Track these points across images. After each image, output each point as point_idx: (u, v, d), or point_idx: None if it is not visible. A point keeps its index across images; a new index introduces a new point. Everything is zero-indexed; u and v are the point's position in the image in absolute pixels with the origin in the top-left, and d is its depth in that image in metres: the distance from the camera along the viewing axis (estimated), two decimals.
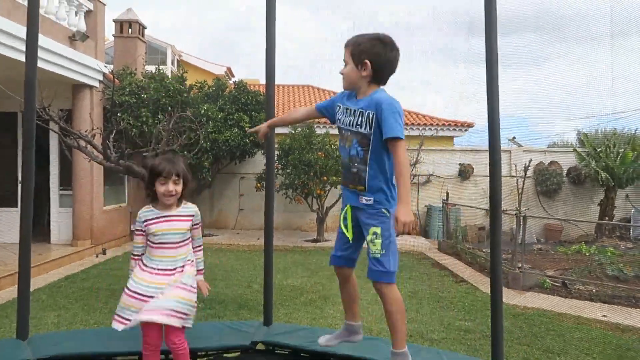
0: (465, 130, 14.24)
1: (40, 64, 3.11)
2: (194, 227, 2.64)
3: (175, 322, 2.42)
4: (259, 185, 10.57)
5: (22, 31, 3.08)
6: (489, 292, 2.65)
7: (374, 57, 2.21)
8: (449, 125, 14.04)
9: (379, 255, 2.25)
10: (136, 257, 2.58)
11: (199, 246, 2.71)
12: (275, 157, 9.49)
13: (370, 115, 2.19)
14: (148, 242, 2.55)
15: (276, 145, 9.64)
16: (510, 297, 6.07)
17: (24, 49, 2.98)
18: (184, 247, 2.57)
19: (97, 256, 8.31)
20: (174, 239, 2.53)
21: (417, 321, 5.05)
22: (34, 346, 2.89)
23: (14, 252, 6.97)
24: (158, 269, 2.50)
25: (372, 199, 2.25)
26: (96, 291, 6.00)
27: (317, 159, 9.81)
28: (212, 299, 5.58)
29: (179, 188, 2.52)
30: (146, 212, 2.59)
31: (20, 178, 5.06)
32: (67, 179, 8.72)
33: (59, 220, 8.75)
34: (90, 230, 8.57)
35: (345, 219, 2.39)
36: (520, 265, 6.97)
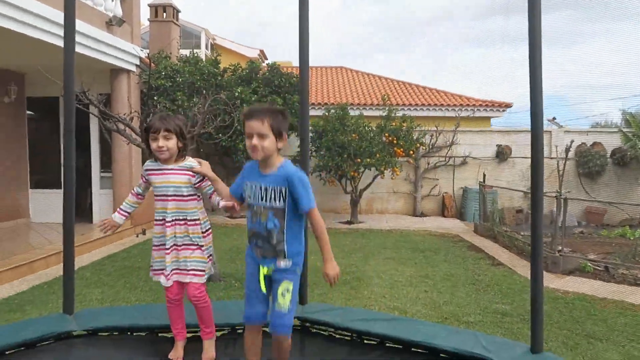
0: (503, 111, 13.85)
1: (78, 49, 3.17)
2: (199, 182, 2.68)
3: (193, 279, 2.62)
4: None
5: (60, 17, 3.14)
6: (527, 276, 2.58)
7: (286, 129, 2.36)
8: (486, 105, 13.68)
9: (285, 310, 2.33)
10: (135, 192, 2.82)
11: (214, 191, 2.73)
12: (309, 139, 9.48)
13: (283, 190, 2.29)
14: (154, 195, 2.71)
15: (309, 127, 9.64)
16: (549, 280, 5.92)
17: (62, 35, 3.04)
18: (179, 202, 2.64)
19: (137, 236, 8.57)
20: (167, 192, 2.63)
21: (452, 303, 4.99)
22: (80, 320, 3.01)
23: (58, 232, 7.27)
24: (157, 220, 2.68)
25: (290, 261, 2.37)
26: (137, 270, 6.19)
27: (351, 140, 9.75)
28: None
29: (171, 144, 2.58)
30: (150, 162, 2.74)
31: (62, 161, 5.24)
32: (107, 162, 8.98)
33: (100, 201, 9.05)
34: None
35: (257, 280, 2.44)
36: (560, 248, 6.78)
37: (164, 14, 11.47)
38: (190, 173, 2.65)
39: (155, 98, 9.18)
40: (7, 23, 5.70)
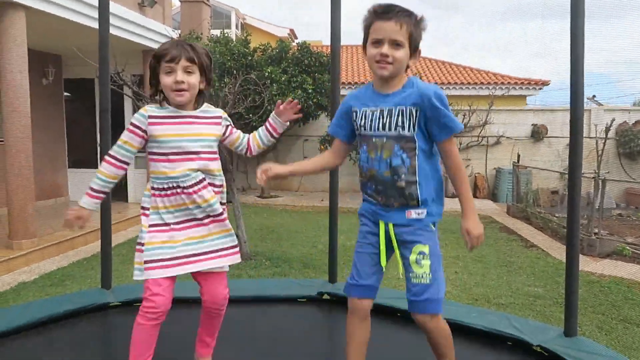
0: (540, 89, 13.42)
1: (112, 31, 3.22)
2: (228, 132, 2.01)
3: (226, 265, 1.94)
4: (322, 147, 10.59)
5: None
6: (562, 258, 2.52)
7: (420, 40, 1.77)
8: (522, 83, 13.28)
9: (427, 281, 1.77)
10: (112, 160, 1.87)
11: (247, 136, 2.13)
12: None
13: (414, 112, 1.72)
14: (152, 155, 1.88)
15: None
16: (585, 263, 5.78)
17: (96, 16, 3.08)
18: (209, 161, 1.90)
19: None
20: (192, 148, 1.85)
21: (483, 285, 4.95)
22: (117, 295, 3.12)
23: (96, 210, 7.50)
24: (161, 189, 1.87)
25: (424, 211, 1.80)
26: None
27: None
28: (278, 258, 5.75)
29: (194, 79, 1.81)
30: (154, 107, 1.87)
31: (98, 141, 5.41)
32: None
33: (135, 180, 9.28)
34: None
35: (376, 241, 1.86)
36: (597, 231, 6.59)
37: None
38: (220, 122, 1.97)
39: None
40: (45, 6, 5.83)
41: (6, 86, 5.56)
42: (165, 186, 1.85)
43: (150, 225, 1.86)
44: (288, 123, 2.22)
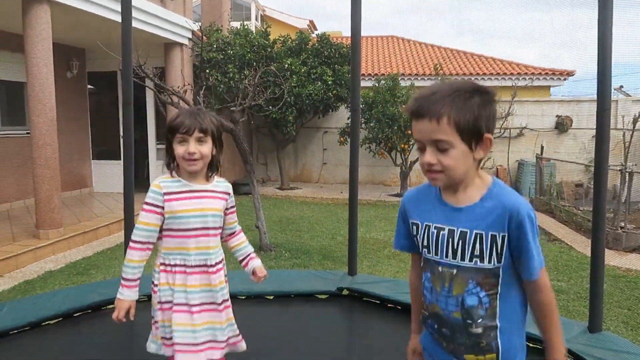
0: (564, 79, 13.11)
1: (134, 24, 3.25)
2: (229, 210, 1.97)
3: (238, 347, 1.97)
4: (342, 139, 10.57)
5: None
6: (586, 252, 2.47)
7: (492, 123, 1.31)
8: (546, 74, 12.99)
9: None
10: (138, 246, 1.83)
11: (239, 231, 2.07)
12: None
13: (498, 239, 1.28)
14: (169, 230, 1.85)
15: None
16: (610, 258, 5.66)
17: (119, 10, 3.12)
18: (214, 237, 1.90)
19: None
20: (212, 223, 1.86)
21: None
22: (140, 285, 3.17)
23: (119, 201, 7.63)
24: (171, 265, 1.85)
25: None
26: None
27: (402, 112, 9.57)
28: (298, 249, 5.78)
29: (205, 149, 1.82)
30: (167, 181, 1.87)
31: (122, 133, 5.51)
32: (162, 134, 9.27)
33: (157, 171, 9.40)
34: None
35: None
36: (623, 224, 6.45)
37: None
38: (227, 198, 1.95)
39: (207, 71, 9.33)
40: (69, 0, 5.92)
41: (32, 80, 5.67)
42: (176, 262, 1.84)
43: (160, 303, 1.85)
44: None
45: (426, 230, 1.37)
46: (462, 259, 1.31)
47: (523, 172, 11.05)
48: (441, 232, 1.34)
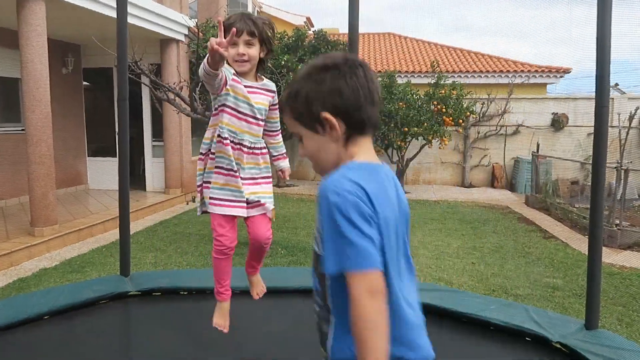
0: (561, 77, 13.13)
1: (130, 20, 3.22)
2: (272, 107, 2.25)
3: (270, 213, 2.27)
4: None
5: None
6: (581, 249, 2.48)
7: (332, 99, 1.13)
8: (542, 71, 13.01)
9: None
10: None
11: (279, 129, 2.37)
12: None
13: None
14: (227, 106, 2.12)
15: None
16: (605, 255, 5.66)
17: (115, 5, 3.09)
18: (258, 127, 2.20)
19: (187, 203, 8.85)
20: (258, 114, 2.15)
21: (500, 276, 4.90)
22: (135, 281, 3.16)
23: (114, 198, 7.61)
24: (225, 138, 2.12)
25: None
26: (187, 236, 6.41)
27: (398, 109, 9.56)
28: (294, 246, 5.77)
29: (254, 51, 2.04)
30: (231, 69, 2.11)
31: (117, 130, 5.48)
32: (158, 131, 9.25)
33: (153, 169, 9.37)
34: (180, 179, 9.10)
35: None
36: (618, 222, 6.47)
37: None
38: (273, 96, 2.23)
39: None
40: None
41: (27, 76, 5.63)
42: (230, 137, 2.11)
43: (217, 168, 2.15)
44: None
45: None
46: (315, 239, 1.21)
47: (519, 169, 11.07)
48: None
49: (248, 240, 2.33)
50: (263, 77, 2.21)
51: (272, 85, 2.22)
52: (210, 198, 2.14)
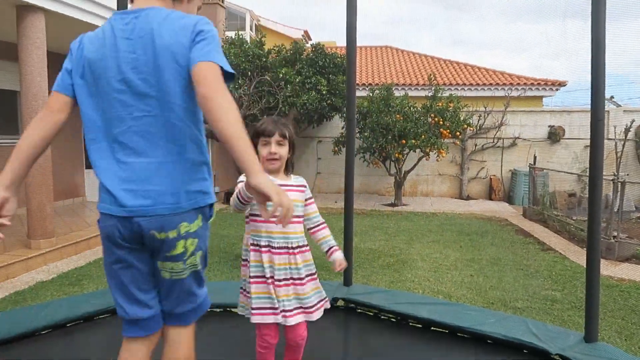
0: (556, 90, 13.25)
1: None
2: (308, 202, 2.35)
3: (317, 316, 2.26)
4: (336, 149, 10.59)
5: (112, 1, 3.24)
6: (579, 262, 2.48)
7: None
8: (538, 84, 13.13)
9: None
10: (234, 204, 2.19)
11: (323, 223, 2.41)
12: None
13: None
14: (253, 217, 2.21)
15: None
16: (603, 267, 5.66)
17: None
18: (298, 225, 2.28)
19: None
20: (294, 212, 2.19)
21: (499, 288, 4.89)
22: None
23: None
24: (257, 245, 2.20)
25: None
26: None
27: (396, 121, 9.61)
28: None
29: (284, 151, 2.21)
30: None
31: None
32: None
33: None
34: None
35: None
36: (615, 234, 6.48)
37: None
38: (304, 190, 2.33)
39: None
40: (64, 9, 5.92)
41: (26, 88, 5.64)
42: (261, 243, 2.17)
43: (252, 277, 2.17)
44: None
45: None
46: None
47: (516, 181, 11.11)
48: None
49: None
50: (291, 175, 2.33)
51: (302, 180, 2.35)
52: (252, 308, 2.20)
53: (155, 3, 1.46)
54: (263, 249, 2.16)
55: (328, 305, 2.33)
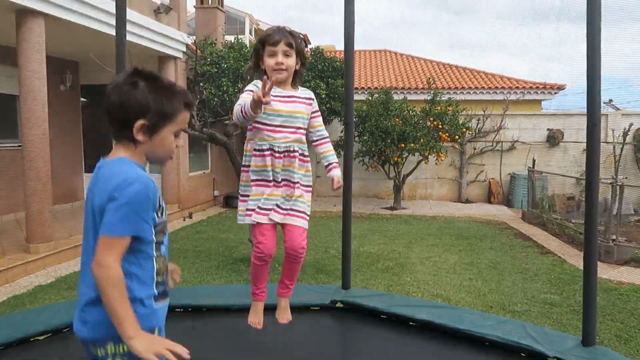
0: (555, 93, 13.27)
1: (128, 37, 3.25)
2: (313, 115, 2.32)
3: (305, 224, 2.28)
4: (335, 152, 10.57)
5: (111, 5, 3.25)
6: (578, 265, 2.49)
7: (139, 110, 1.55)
8: (537, 88, 13.15)
9: None
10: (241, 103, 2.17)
11: (326, 137, 2.41)
12: None
13: None
14: (260, 122, 2.20)
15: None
16: (602, 270, 5.68)
17: (114, 23, 3.13)
18: (302, 135, 2.28)
19: (184, 219, 8.83)
20: (297, 123, 2.22)
21: (498, 292, 4.89)
22: None
23: None
24: (259, 150, 2.22)
25: None
26: (184, 252, 6.39)
27: (395, 125, 9.62)
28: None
29: (291, 61, 2.15)
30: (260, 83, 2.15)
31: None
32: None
33: None
34: (177, 195, 9.09)
35: None
36: (614, 237, 6.48)
37: (209, 0, 11.61)
38: (311, 103, 2.31)
39: (201, 84, 9.35)
40: (63, 14, 5.93)
41: (25, 92, 5.65)
42: (263, 147, 2.19)
43: (252, 180, 2.23)
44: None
45: None
46: None
47: (515, 185, 11.12)
48: None
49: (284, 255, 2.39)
50: (299, 86, 2.29)
51: (310, 93, 2.30)
52: (247, 210, 2.26)
53: (119, 152, 1.57)
54: (266, 153, 2.19)
55: (298, 223, 2.30)
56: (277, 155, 2.19)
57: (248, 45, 10.30)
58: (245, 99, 2.12)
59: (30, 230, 5.75)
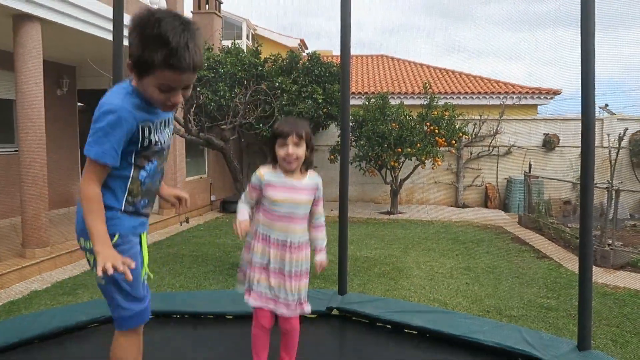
0: (551, 98, 13.34)
1: (125, 42, 3.26)
2: (316, 201, 2.39)
3: (301, 312, 2.35)
4: (332, 157, 10.61)
5: (108, 10, 3.26)
6: (574, 270, 2.49)
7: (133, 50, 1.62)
8: (533, 92, 13.22)
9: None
10: (244, 200, 2.36)
11: (322, 225, 2.47)
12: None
13: None
14: (264, 208, 2.32)
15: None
16: (598, 275, 5.70)
17: (111, 28, 3.14)
18: (303, 224, 2.36)
19: (180, 224, 8.81)
20: (295, 213, 2.30)
21: (494, 297, 4.89)
22: None
23: None
24: (264, 239, 2.31)
25: None
26: (181, 257, 6.37)
27: (391, 130, 9.65)
28: None
29: (301, 151, 2.25)
30: (270, 173, 2.32)
31: None
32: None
33: None
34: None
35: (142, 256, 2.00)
36: (610, 242, 6.51)
37: (207, 5, 11.64)
38: (315, 192, 2.38)
39: (198, 89, 9.35)
40: (60, 18, 5.94)
41: (21, 97, 5.65)
42: (270, 236, 2.29)
43: (255, 266, 2.31)
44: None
45: (152, 125, 1.85)
46: (170, 138, 2.03)
47: (512, 189, 11.15)
48: (163, 123, 1.93)
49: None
50: (307, 172, 2.38)
51: (317, 180, 2.38)
52: (250, 289, 2.34)
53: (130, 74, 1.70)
54: (272, 242, 2.28)
55: (308, 310, 2.39)
56: (273, 244, 2.29)
57: (245, 50, 10.32)
58: (243, 202, 2.34)
59: (26, 235, 5.73)
